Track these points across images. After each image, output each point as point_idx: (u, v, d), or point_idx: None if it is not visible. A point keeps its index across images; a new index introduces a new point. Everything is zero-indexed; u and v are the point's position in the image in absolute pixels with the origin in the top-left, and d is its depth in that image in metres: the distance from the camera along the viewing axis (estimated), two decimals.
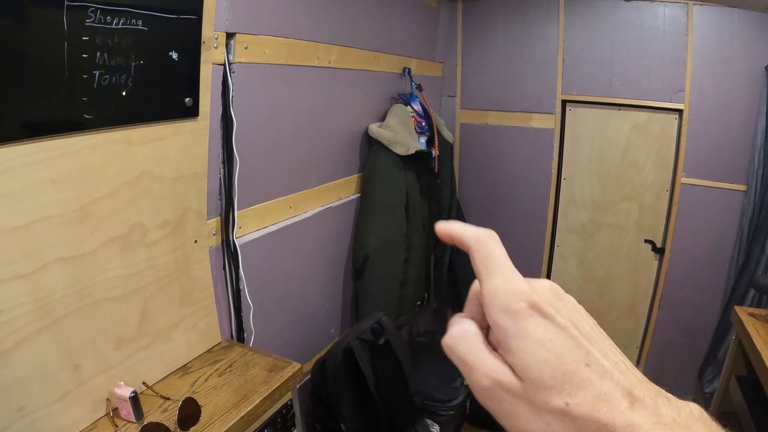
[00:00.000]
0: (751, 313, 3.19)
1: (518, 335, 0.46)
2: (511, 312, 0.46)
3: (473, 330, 0.51)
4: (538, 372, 0.44)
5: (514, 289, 0.47)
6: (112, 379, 1.96)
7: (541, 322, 0.46)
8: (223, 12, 2.28)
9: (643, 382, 0.46)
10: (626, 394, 0.44)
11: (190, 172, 2.22)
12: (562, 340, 0.45)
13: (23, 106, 1.58)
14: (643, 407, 0.44)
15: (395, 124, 3.55)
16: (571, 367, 0.44)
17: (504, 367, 0.47)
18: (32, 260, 1.67)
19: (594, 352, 0.45)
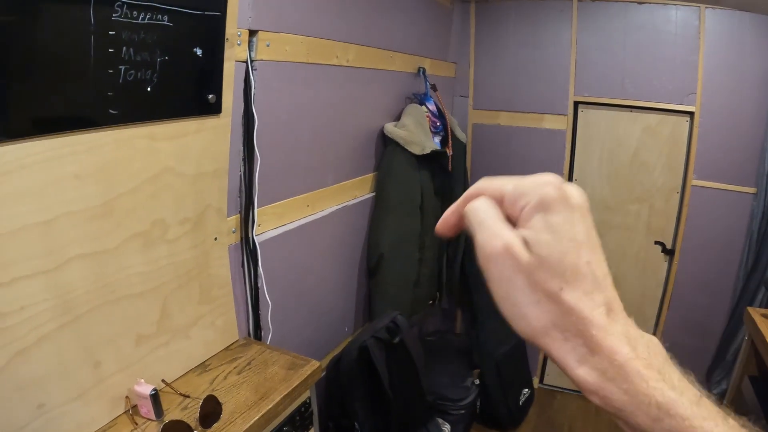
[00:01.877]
0: (764, 314, 3.20)
1: (547, 213, 0.51)
2: (545, 197, 0.51)
3: (492, 204, 0.55)
4: (548, 252, 0.50)
5: (546, 178, 0.53)
6: (132, 376, 1.95)
7: (568, 216, 0.51)
8: (246, 9, 2.28)
9: (619, 300, 0.52)
10: (607, 302, 0.51)
11: (211, 169, 2.22)
12: (581, 237, 0.51)
13: (49, 101, 1.58)
14: (616, 319, 0.50)
15: (411, 123, 3.56)
16: (576, 260, 0.50)
17: (517, 238, 0.52)
18: (54, 256, 1.67)
19: (597, 257, 0.51)
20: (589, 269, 0.50)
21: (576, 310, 0.49)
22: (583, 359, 0.50)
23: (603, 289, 0.51)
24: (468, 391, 3.94)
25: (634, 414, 0.48)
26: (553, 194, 0.51)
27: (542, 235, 0.50)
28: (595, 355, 0.49)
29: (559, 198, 0.51)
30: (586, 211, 0.52)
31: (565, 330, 0.50)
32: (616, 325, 0.50)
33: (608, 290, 0.51)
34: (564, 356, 0.51)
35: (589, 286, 0.50)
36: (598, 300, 0.50)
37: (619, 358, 0.48)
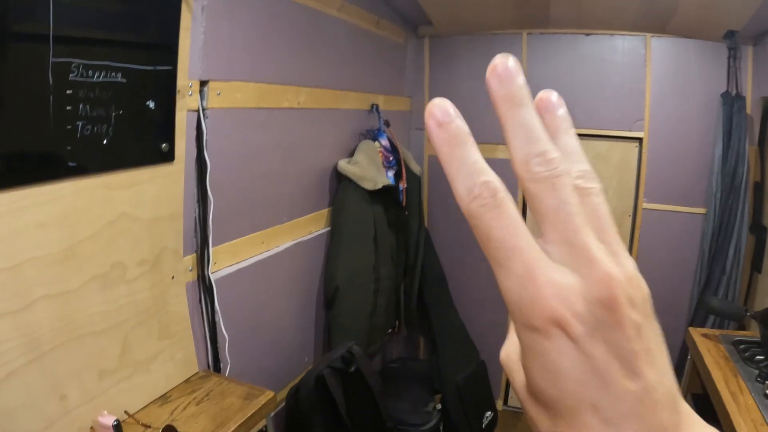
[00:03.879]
0: (704, 333, 3.27)
1: (526, 353, 0.39)
2: (526, 327, 0.37)
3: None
4: (539, 392, 0.39)
5: (533, 298, 0.36)
6: (96, 408, 2.03)
7: (557, 346, 0.36)
8: (197, 61, 2.38)
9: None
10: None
11: (166, 213, 2.32)
12: (578, 374, 0.36)
13: (12, 156, 1.69)
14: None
15: (363, 159, 3.64)
16: (574, 404, 0.37)
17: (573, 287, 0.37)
18: (21, 298, 1.76)
19: (611, 394, 0.36)
20: (597, 413, 0.36)
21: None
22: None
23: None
24: (429, 416, 3.96)
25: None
26: (540, 329, 0.37)
27: (530, 374, 0.39)
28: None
29: (544, 332, 0.36)
30: (610, 314, 0.36)
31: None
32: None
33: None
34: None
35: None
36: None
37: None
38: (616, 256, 0.38)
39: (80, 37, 1.84)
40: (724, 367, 2.87)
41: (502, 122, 0.40)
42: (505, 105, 0.40)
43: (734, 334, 3.29)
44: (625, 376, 0.35)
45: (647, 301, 0.38)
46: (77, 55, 1.80)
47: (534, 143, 0.39)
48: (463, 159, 0.40)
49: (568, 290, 0.36)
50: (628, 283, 0.37)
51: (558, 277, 0.36)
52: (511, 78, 0.41)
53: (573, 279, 0.36)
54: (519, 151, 0.39)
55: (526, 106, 0.40)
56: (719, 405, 2.63)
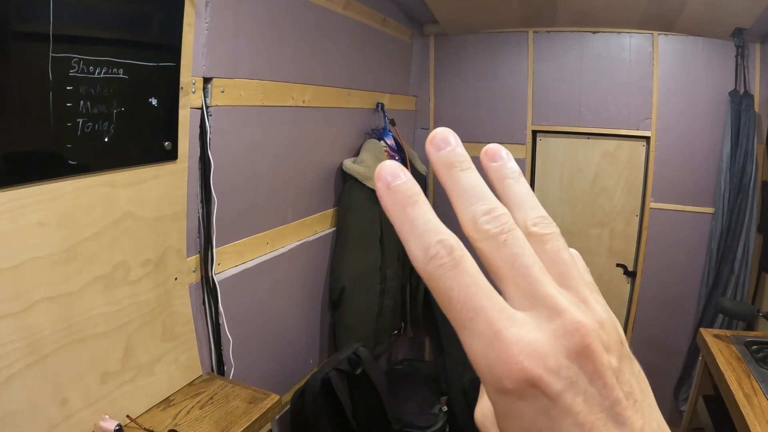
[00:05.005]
0: (716, 334, 3.25)
1: (502, 417, 0.36)
2: (499, 391, 0.35)
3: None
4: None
5: (502, 359, 0.34)
6: (98, 412, 2.01)
7: (535, 406, 0.34)
8: (200, 58, 2.36)
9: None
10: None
11: (170, 212, 2.29)
12: (560, 430, 0.34)
13: (12, 154, 1.66)
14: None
15: (369, 159, 3.62)
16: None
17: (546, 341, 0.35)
18: (21, 299, 1.73)
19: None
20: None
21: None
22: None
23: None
24: (436, 418, 3.93)
25: None
26: (512, 392, 0.34)
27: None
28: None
29: (516, 393, 0.34)
30: (584, 365, 0.34)
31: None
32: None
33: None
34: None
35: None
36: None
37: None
38: (585, 302, 0.38)
39: (81, 32, 1.81)
40: (737, 369, 2.83)
41: (446, 187, 0.40)
42: (444, 170, 0.40)
43: (746, 335, 3.26)
44: (611, 427, 0.34)
45: (623, 343, 0.38)
46: (78, 50, 1.77)
47: (479, 202, 0.39)
48: (415, 219, 0.38)
49: (539, 346, 0.34)
50: (601, 329, 0.36)
51: (526, 333, 0.34)
52: (448, 144, 0.41)
53: (542, 333, 0.35)
54: (465, 212, 0.39)
55: (466, 170, 0.40)
56: (733, 407, 2.60)
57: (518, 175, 0.43)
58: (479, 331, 0.34)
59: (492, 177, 0.43)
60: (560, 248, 0.40)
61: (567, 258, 0.40)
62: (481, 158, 0.44)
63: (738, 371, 2.81)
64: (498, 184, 0.43)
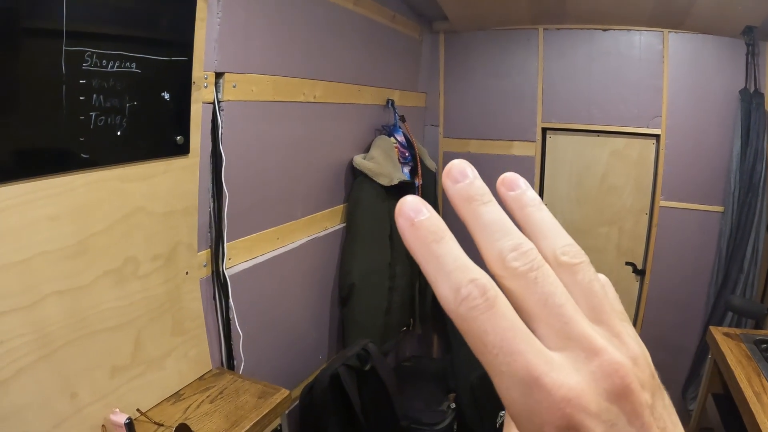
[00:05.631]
0: (725, 332, 3.24)
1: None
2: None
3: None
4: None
5: (543, 406, 0.33)
6: (108, 406, 2.00)
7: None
8: (212, 53, 2.36)
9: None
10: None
11: (181, 207, 2.29)
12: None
13: (24, 147, 1.66)
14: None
15: (379, 155, 3.62)
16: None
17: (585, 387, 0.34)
18: (31, 293, 1.73)
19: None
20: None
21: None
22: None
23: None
24: (444, 415, 3.93)
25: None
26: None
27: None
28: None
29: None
30: (619, 407, 0.33)
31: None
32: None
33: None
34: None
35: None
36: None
37: None
38: (618, 337, 0.36)
39: (94, 26, 1.80)
40: (746, 367, 2.83)
41: (466, 222, 0.38)
42: (464, 204, 0.38)
43: (755, 333, 3.25)
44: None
45: (654, 376, 0.37)
46: (91, 44, 1.77)
47: (504, 238, 0.37)
48: (443, 257, 0.36)
49: (580, 391, 0.33)
50: (636, 366, 0.35)
51: (566, 378, 0.33)
52: (466, 177, 0.39)
53: (581, 377, 0.33)
54: (490, 249, 0.37)
55: (487, 203, 0.38)
56: (743, 405, 2.59)
57: (539, 203, 0.41)
58: (517, 378, 0.33)
59: (511, 206, 0.41)
60: (591, 279, 0.38)
61: (598, 289, 0.38)
62: (497, 187, 0.42)
63: (748, 369, 2.80)
64: (519, 213, 0.41)
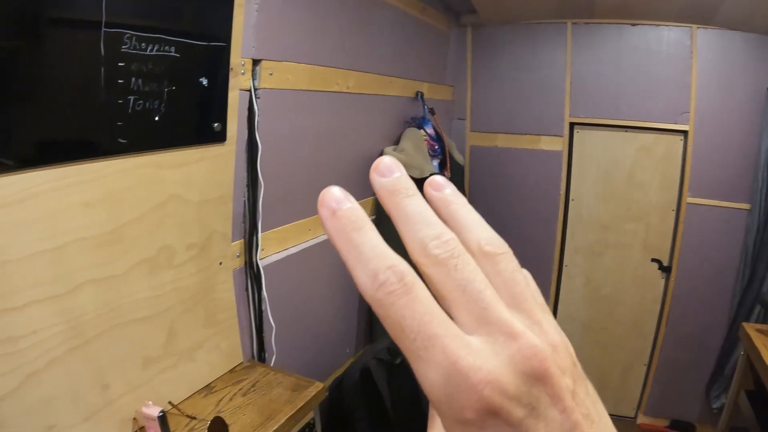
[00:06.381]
0: (759, 329, 3.24)
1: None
2: (458, 422, 0.33)
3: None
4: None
5: (462, 389, 0.32)
6: (139, 398, 1.98)
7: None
8: (250, 39, 2.33)
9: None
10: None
11: (216, 196, 2.26)
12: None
13: (60, 131, 1.63)
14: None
15: (410, 147, 3.59)
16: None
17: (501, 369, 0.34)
18: (65, 282, 1.70)
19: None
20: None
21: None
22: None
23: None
24: None
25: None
26: (471, 422, 0.33)
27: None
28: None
29: (477, 423, 0.33)
30: (540, 388, 0.34)
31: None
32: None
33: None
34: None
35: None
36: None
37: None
38: (539, 325, 0.36)
39: (133, 8, 1.77)
40: None
41: (392, 215, 0.39)
42: (388, 197, 0.40)
43: None
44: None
45: (576, 364, 0.37)
46: (130, 26, 1.73)
47: (426, 228, 0.37)
48: (361, 245, 0.36)
49: (499, 374, 0.32)
50: (555, 352, 0.35)
51: (484, 361, 0.33)
52: (391, 172, 0.40)
53: (499, 360, 0.33)
54: (412, 238, 0.37)
55: (411, 196, 0.39)
56: None
57: (465, 202, 0.42)
58: (435, 362, 0.33)
59: (437, 204, 0.42)
60: (514, 269, 0.38)
61: (520, 279, 0.38)
62: (425, 188, 0.43)
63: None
64: (444, 210, 0.42)
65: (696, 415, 4.56)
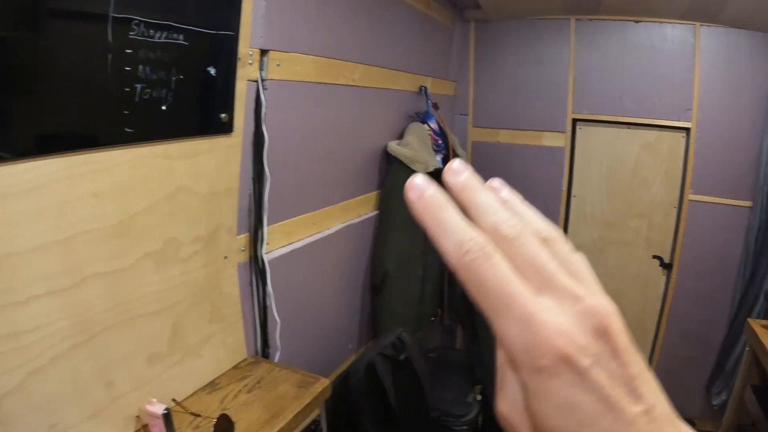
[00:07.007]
0: (764, 325, 3.27)
1: (536, 396, 0.38)
2: (534, 370, 0.37)
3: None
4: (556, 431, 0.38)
5: (538, 340, 0.37)
6: (143, 395, 1.95)
7: (567, 381, 0.37)
8: (258, 29, 2.29)
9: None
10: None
11: (223, 188, 2.24)
12: (589, 403, 0.36)
13: (67, 119, 1.60)
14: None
15: (414, 142, 3.57)
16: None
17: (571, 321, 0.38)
18: (71, 275, 1.67)
19: (621, 419, 0.36)
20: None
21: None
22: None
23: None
24: (470, 407, 3.92)
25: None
26: (544, 370, 0.37)
27: (539, 419, 0.39)
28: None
29: (549, 371, 0.37)
30: (602, 344, 0.38)
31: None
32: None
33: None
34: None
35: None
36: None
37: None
38: (597, 292, 0.41)
39: None
40: None
41: (468, 206, 0.44)
42: (464, 192, 0.45)
43: None
44: (630, 401, 0.37)
45: (627, 331, 0.40)
46: (138, 12, 1.70)
47: (497, 214, 0.43)
48: (447, 221, 0.42)
49: (568, 327, 0.38)
50: (615, 313, 0.40)
51: (556, 317, 0.38)
52: (461, 172, 0.46)
53: (568, 317, 0.38)
54: (486, 222, 0.43)
55: (482, 190, 0.45)
56: None
57: (520, 199, 0.48)
58: (514, 317, 0.38)
59: (502, 200, 0.46)
60: (570, 250, 0.44)
61: (577, 258, 0.44)
62: (488, 186, 0.48)
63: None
64: (507, 206, 0.46)
65: (696, 411, 4.56)
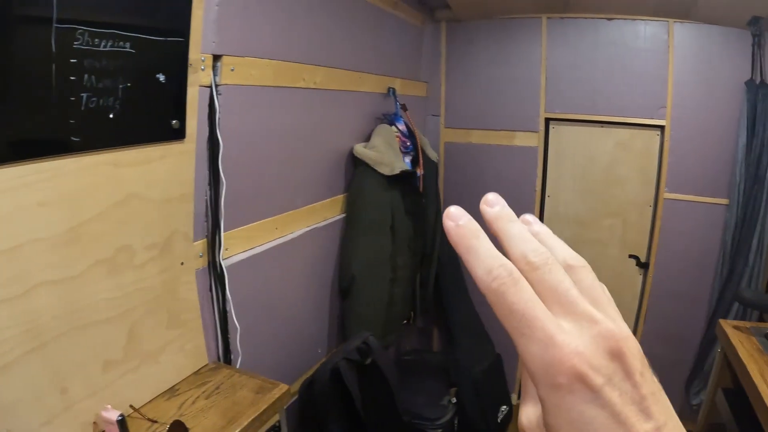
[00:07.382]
0: (735, 326, 3.23)
1: (552, 411, 0.42)
2: (552, 387, 0.41)
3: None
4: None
5: (556, 359, 0.40)
6: (100, 402, 1.95)
7: (581, 398, 0.40)
8: (210, 34, 2.29)
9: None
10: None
11: (177, 194, 2.23)
12: (601, 420, 0.40)
13: (11, 129, 1.59)
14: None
15: (380, 144, 3.55)
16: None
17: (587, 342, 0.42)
18: (20, 283, 1.67)
19: (635, 430, 0.40)
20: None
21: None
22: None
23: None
24: (445, 410, 3.91)
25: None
26: (560, 387, 0.41)
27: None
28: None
29: (565, 388, 0.41)
30: (616, 365, 0.41)
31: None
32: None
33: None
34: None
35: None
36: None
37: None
38: (615, 319, 0.44)
39: (86, 2, 1.73)
40: (759, 361, 2.82)
41: (500, 235, 0.49)
42: (499, 222, 0.49)
43: (766, 327, 3.24)
44: (640, 419, 0.40)
45: (643, 355, 0.43)
46: (82, 22, 1.69)
47: (526, 243, 0.47)
48: (479, 248, 0.46)
49: (584, 348, 0.41)
50: (628, 339, 0.43)
51: (573, 339, 0.42)
52: (496, 204, 0.50)
53: (584, 339, 0.42)
54: (515, 250, 0.47)
55: (515, 221, 0.49)
56: (756, 400, 2.57)
57: (549, 232, 0.53)
58: (536, 337, 0.41)
59: (533, 232, 0.51)
60: (593, 279, 0.48)
61: (598, 286, 0.47)
62: (521, 220, 0.52)
63: (761, 363, 2.79)
64: (537, 238, 0.49)
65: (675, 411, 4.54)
